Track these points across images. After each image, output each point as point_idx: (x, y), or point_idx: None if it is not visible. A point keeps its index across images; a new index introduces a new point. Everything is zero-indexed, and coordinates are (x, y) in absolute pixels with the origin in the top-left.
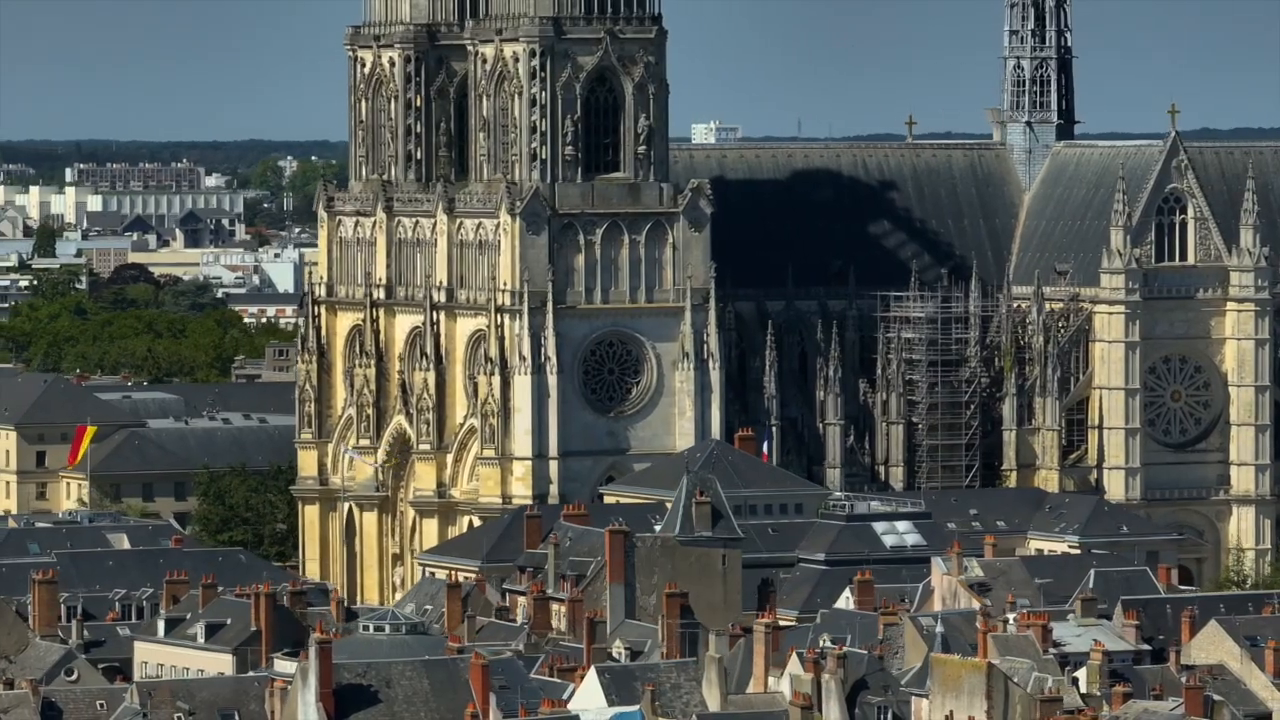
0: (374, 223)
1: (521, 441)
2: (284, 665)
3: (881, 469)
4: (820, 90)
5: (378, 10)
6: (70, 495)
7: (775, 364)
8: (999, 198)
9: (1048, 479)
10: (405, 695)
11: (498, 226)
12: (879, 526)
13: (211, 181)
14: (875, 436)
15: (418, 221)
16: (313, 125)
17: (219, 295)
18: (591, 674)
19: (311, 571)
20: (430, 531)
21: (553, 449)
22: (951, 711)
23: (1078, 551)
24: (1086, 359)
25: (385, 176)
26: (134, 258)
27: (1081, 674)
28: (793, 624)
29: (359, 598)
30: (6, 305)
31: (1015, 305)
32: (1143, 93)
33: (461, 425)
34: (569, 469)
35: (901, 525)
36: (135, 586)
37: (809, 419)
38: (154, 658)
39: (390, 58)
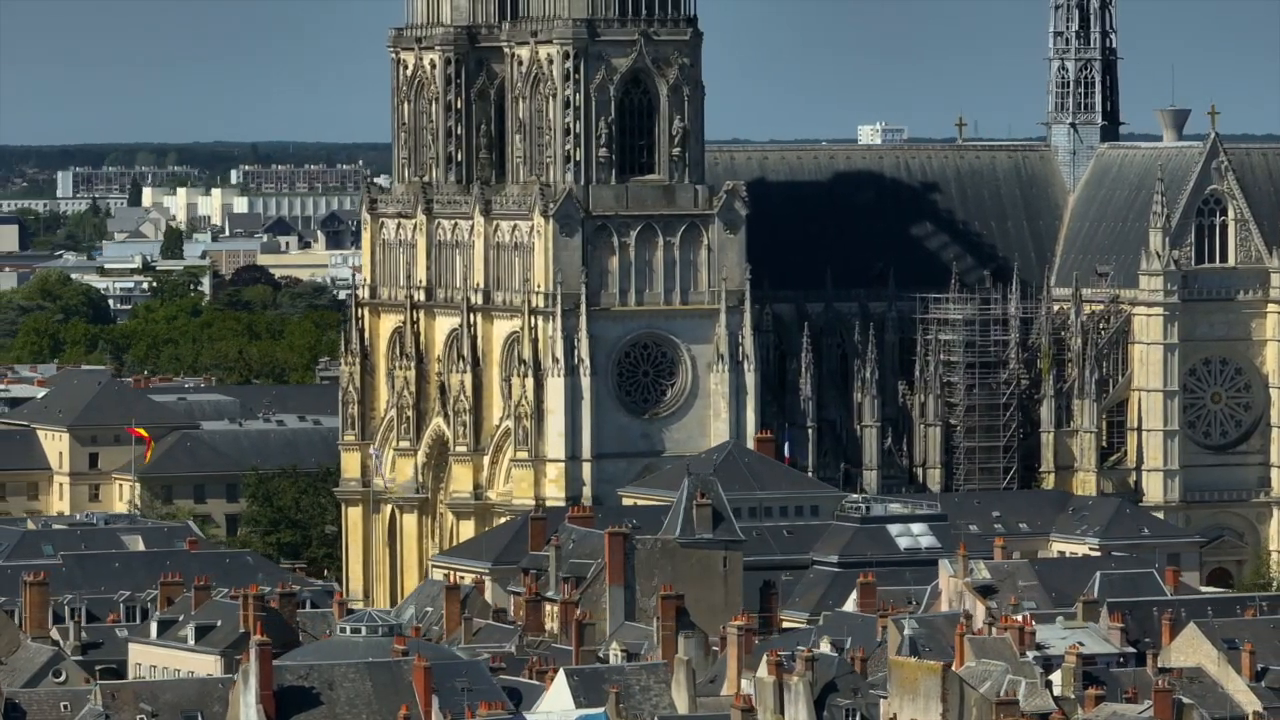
0: (415, 225)
1: (554, 443)
2: None
3: (919, 471)
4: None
5: (419, 12)
6: (123, 497)
7: (811, 366)
8: (1043, 199)
9: (1085, 481)
10: (347, 697)
11: (532, 228)
12: (894, 529)
13: (383, 182)
14: (913, 438)
15: (456, 223)
16: None
17: (340, 296)
18: (560, 676)
19: (355, 573)
20: (467, 533)
21: (586, 451)
22: (895, 715)
23: (1098, 554)
24: (1126, 361)
25: (426, 178)
26: (264, 259)
27: (1057, 676)
28: (801, 625)
29: (400, 599)
30: (127, 307)
31: (1057, 308)
32: (1190, 94)
33: (498, 427)
34: (603, 471)
35: (916, 528)
36: (142, 588)
37: (847, 421)
38: (147, 659)
39: (431, 60)
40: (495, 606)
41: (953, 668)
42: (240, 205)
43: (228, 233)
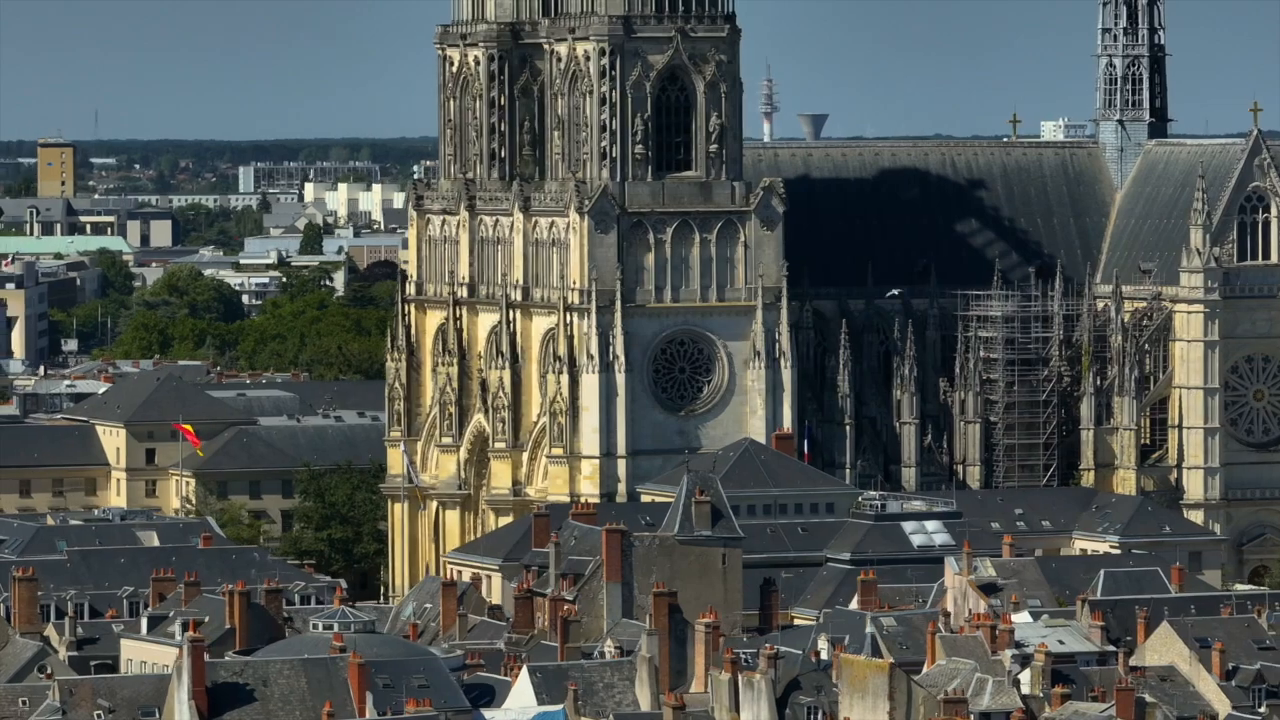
0: (458, 221)
1: (589, 440)
2: None
3: (960, 468)
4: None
5: (465, 9)
6: (180, 493)
7: (849, 362)
8: (1090, 196)
9: (1125, 479)
10: (281, 694)
11: (568, 225)
12: (908, 526)
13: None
14: (954, 436)
15: (498, 220)
16: None
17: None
18: (524, 673)
19: (400, 569)
20: None
21: (621, 448)
22: (833, 714)
23: (1118, 552)
24: (1168, 358)
25: (470, 175)
26: (406, 254)
27: (1025, 675)
28: (811, 623)
29: None
30: (259, 303)
31: (1101, 305)
32: (1239, 90)
33: (536, 423)
34: (639, 467)
35: (931, 525)
36: (146, 585)
37: (888, 418)
38: (138, 655)
39: (475, 56)
40: (492, 603)
41: (924, 666)
42: (399, 200)
43: (383, 228)
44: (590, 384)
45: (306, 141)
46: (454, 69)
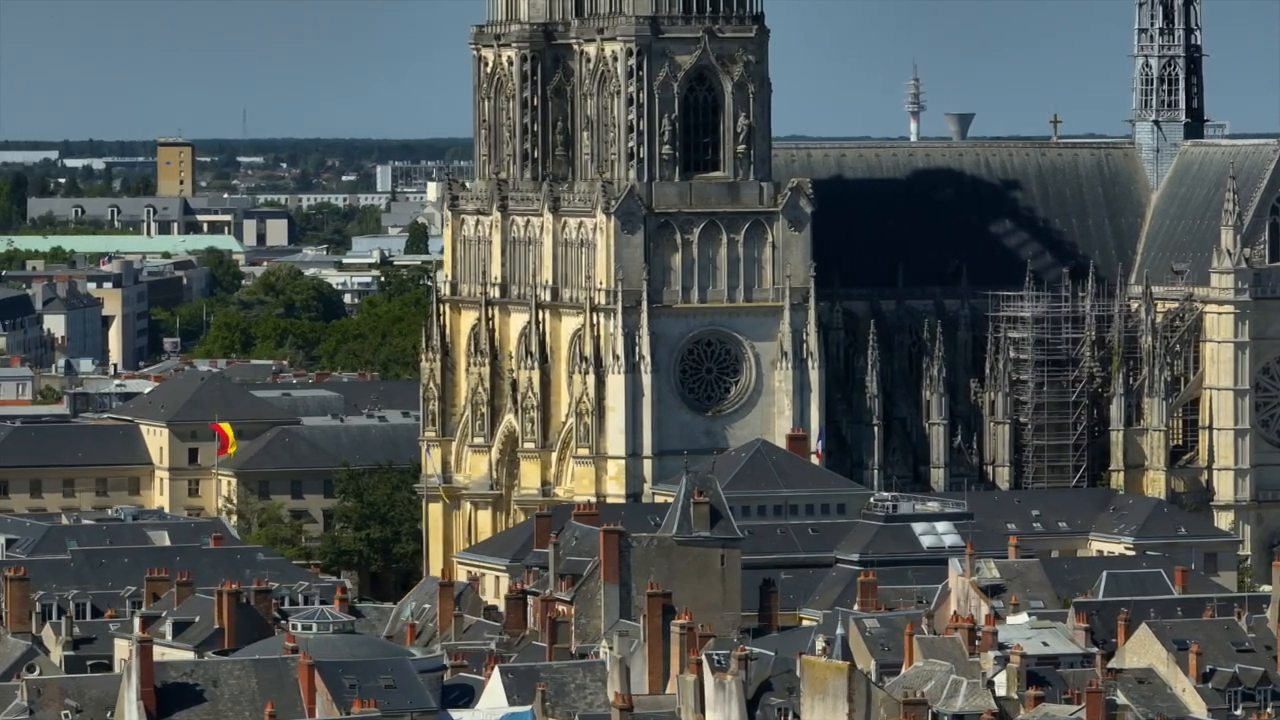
0: (491, 222)
1: (615, 440)
2: None
3: (989, 469)
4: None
5: (499, 9)
6: (222, 492)
7: (877, 363)
8: (1126, 197)
9: (1155, 480)
10: (231, 694)
11: (596, 226)
12: (918, 527)
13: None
14: (984, 436)
15: (529, 220)
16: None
17: None
18: (495, 673)
19: (435, 569)
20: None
21: (647, 448)
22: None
23: (1133, 553)
24: (1199, 359)
25: (503, 175)
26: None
27: (1001, 677)
28: (815, 624)
29: None
30: (356, 302)
31: (1134, 306)
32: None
33: (564, 424)
34: (665, 468)
35: (941, 526)
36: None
37: (917, 419)
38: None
39: (508, 56)
40: (491, 604)
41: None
42: None
43: None
44: (616, 384)
45: (454, 140)
46: (488, 69)
